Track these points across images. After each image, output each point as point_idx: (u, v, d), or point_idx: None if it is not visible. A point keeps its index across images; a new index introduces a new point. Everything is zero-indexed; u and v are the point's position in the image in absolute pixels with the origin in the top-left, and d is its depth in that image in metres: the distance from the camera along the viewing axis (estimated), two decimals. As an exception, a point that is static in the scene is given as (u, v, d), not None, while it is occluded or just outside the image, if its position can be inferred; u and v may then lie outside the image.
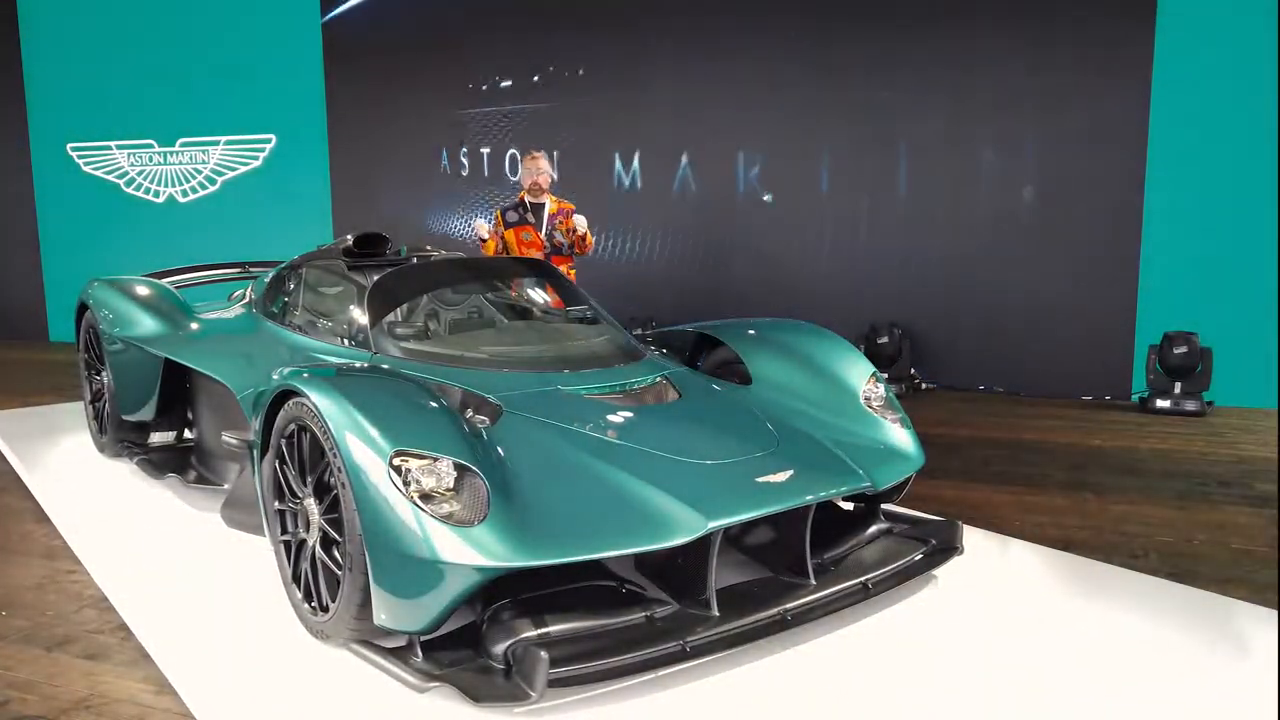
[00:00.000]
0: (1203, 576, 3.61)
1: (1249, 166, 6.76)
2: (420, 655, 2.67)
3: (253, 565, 3.54)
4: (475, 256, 5.60)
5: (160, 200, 10.44)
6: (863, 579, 3.15)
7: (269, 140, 10.02)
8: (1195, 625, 3.11)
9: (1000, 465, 5.39)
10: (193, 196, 10.33)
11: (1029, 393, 7.50)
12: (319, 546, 2.92)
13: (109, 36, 10.29)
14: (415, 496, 2.58)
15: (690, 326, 4.32)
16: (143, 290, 5.15)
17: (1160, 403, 6.81)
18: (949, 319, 7.79)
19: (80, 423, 5.66)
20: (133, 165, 10.47)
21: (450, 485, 2.61)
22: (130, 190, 10.51)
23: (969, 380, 7.74)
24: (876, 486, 3.19)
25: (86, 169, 10.60)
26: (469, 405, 3.20)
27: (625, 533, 2.69)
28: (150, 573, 3.61)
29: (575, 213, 5.93)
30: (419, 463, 2.62)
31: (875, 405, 3.60)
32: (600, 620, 2.76)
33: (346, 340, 3.86)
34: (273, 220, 9.84)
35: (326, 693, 2.68)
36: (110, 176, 10.54)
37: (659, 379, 3.60)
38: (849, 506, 3.71)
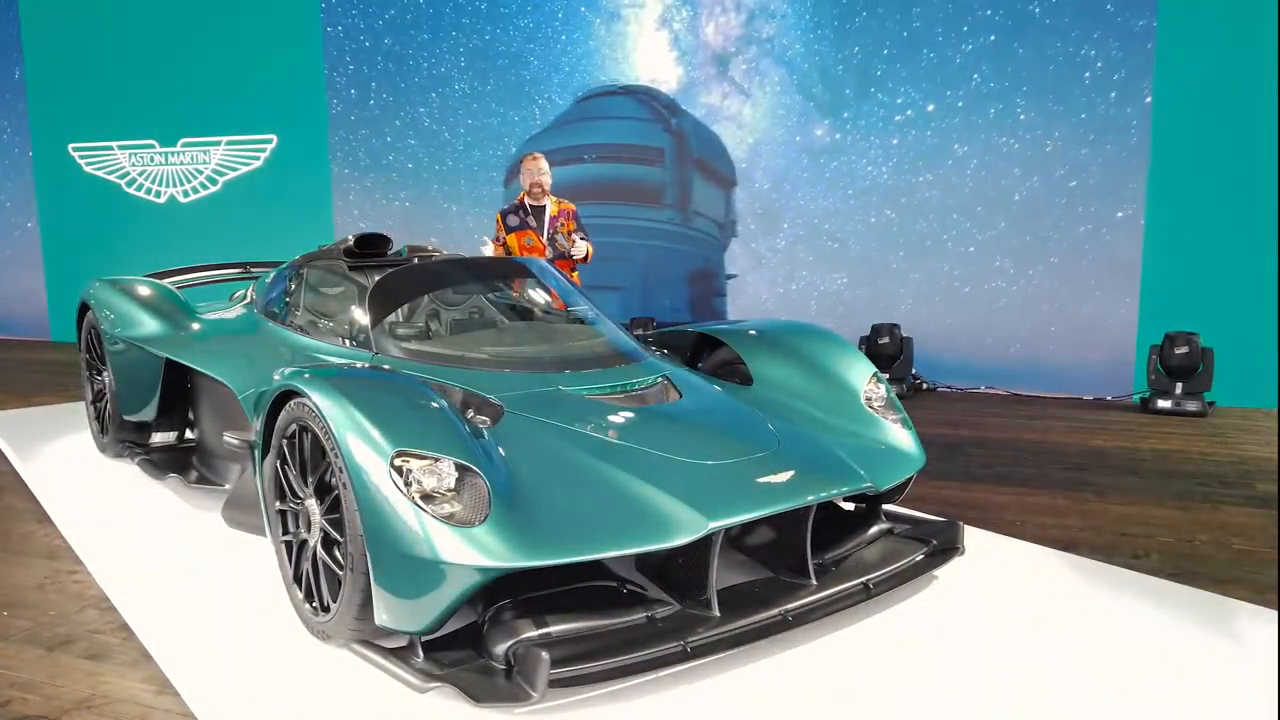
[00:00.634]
0: (1204, 577, 3.60)
1: (1250, 167, 6.76)
2: (421, 655, 2.67)
3: (254, 565, 3.54)
4: (475, 257, 5.58)
5: (161, 200, 10.44)
6: (864, 579, 3.15)
7: (270, 140, 10.01)
8: (1196, 625, 3.11)
9: (1001, 466, 5.38)
10: (194, 197, 10.33)
11: (1030, 393, 7.50)
12: (320, 547, 2.92)
13: (110, 36, 10.29)
14: (416, 497, 2.58)
15: (691, 327, 4.32)
16: (144, 290, 5.15)
17: (1161, 403, 6.81)
18: (949, 319, 7.78)
19: (81, 423, 5.66)
20: (134, 165, 10.48)
21: (451, 485, 2.61)
22: (131, 190, 10.51)
23: (969, 380, 7.74)
24: (877, 487, 3.20)
25: (88, 169, 10.60)
26: (470, 405, 3.20)
27: (626, 533, 2.69)
28: (152, 573, 3.61)
29: (576, 215, 5.90)
30: (420, 463, 2.62)
31: (876, 405, 3.61)
32: (601, 621, 2.76)
33: (348, 340, 3.86)
34: (274, 220, 9.84)
35: (328, 693, 2.68)
36: (111, 177, 10.54)
37: (660, 379, 3.60)
38: (850, 507, 3.71)
